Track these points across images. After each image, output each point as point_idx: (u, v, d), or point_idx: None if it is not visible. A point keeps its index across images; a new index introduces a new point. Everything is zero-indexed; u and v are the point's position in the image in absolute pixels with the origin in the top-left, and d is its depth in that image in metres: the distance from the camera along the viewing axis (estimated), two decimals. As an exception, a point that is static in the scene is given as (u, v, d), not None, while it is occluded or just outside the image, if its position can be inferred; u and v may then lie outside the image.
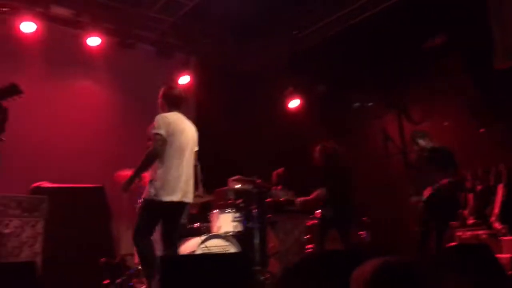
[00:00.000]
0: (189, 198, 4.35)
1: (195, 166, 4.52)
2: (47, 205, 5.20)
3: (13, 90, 3.23)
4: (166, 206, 4.15)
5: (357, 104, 5.72)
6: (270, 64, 7.93)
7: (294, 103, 8.44)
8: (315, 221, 5.88)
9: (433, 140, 5.37)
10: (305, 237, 6.20)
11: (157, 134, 4.19)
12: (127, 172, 4.42)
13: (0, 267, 3.08)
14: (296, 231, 6.39)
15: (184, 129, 4.42)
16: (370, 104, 5.72)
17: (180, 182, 4.22)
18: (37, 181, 5.62)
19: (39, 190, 5.44)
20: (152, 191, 4.15)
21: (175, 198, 4.19)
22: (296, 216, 6.46)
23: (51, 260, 5.03)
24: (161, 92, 4.55)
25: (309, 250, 6.02)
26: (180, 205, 4.27)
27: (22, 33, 6.50)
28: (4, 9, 6.45)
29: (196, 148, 4.57)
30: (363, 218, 6.15)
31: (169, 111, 4.46)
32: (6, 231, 4.91)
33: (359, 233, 6.16)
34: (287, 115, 8.35)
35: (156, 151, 4.17)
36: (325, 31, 7.63)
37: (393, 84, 7.22)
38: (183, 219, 4.56)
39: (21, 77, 6.63)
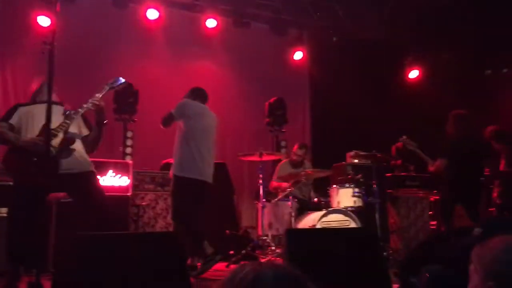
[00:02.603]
0: None
1: None
2: (176, 179, 5.61)
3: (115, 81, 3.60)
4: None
5: (488, 72, 5.20)
6: (387, 32, 7.56)
7: (414, 73, 8.04)
8: (439, 197, 5.58)
9: None
10: (429, 213, 5.92)
11: None
12: None
13: (145, 235, 3.38)
14: (419, 206, 6.15)
15: None
16: (505, 70, 5.15)
17: None
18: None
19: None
20: None
21: None
22: (419, 191, 6.21)
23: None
24: None
25: (433, 227, 5.75)
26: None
27: (148, 20, 6.97)
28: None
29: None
30: (494, 195, 5.69)
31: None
32: (143, 203, 5.44)
33: (489, 209, 5.74)
34: (409, 85, 7.97)
35: None
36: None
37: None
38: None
39: (148, 60, 7.21)
